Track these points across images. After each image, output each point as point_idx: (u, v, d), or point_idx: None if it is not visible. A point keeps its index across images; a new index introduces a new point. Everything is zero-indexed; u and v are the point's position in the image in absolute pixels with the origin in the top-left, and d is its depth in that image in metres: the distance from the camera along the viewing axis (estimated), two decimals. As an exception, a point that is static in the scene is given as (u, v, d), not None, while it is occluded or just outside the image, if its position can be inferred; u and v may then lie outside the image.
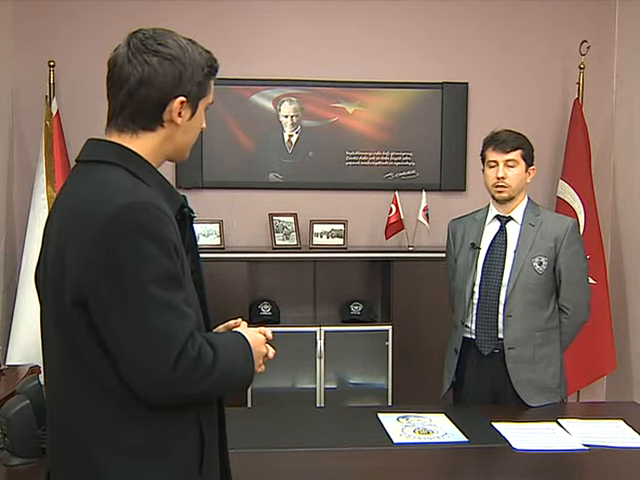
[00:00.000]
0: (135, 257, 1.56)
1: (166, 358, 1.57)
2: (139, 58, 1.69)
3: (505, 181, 3.26)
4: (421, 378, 4.47)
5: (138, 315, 1.57)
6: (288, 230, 4.84)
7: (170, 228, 1.63)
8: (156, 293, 1.57)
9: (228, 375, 1.71)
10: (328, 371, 4.73)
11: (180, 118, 1.74)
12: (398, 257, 4.80)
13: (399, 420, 2.99)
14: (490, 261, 3.31)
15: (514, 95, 5.08)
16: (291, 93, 4.94)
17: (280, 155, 4.96)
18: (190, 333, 1.61)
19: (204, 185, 4.88)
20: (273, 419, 3.10)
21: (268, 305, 4.82)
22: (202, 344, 1.63)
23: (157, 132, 1.74)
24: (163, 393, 1.60)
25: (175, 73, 1.70)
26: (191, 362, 1.60)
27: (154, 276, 1.57)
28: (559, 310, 3.33)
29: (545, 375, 3.28)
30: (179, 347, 1.58)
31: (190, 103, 1.75)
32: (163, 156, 1.78)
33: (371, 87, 4.98)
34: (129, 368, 1.59)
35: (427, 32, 5.03)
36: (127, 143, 1.72)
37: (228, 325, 1.93)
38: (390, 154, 5.02)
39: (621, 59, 5.08)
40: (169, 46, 1.71)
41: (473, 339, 3.31)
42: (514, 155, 3.26)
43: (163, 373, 1.57)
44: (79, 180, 1.70)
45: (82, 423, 1.65)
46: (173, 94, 1.71)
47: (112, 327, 1.58)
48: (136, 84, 1.69)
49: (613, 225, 5.11)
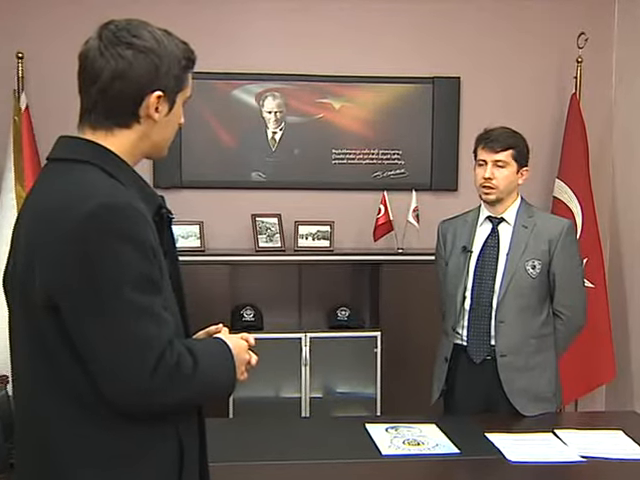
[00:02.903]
0: (111, 260, 1.56)
1: (143, 366, 1.57)
2: (112, 51, 1.68)
3: (492, 182, 3.26)
4: (411, 387, 4.47)
5: (114, 321, 1.57)
6: (272, 232, 4.84)
7: (147, 230, 1.63)
8: (133, 298, 1.57)
9: (209, 383, 1.71)
10: (314, 379, 4.72)
11: (157, 114, 1.74)
12: (387, 260, 4.80)
13: (388, 431, 3.00)
14: (482, 265, 3.32)
15: (508, 90, 5.10)
16: (275, 88, 4.94)
17: (263, 153, 4.95)
18: (169, 340, 1.61)
19: (183, 185, 4.87)
20: (256, 430, 3.10)
21: (251, 310, 4.81)
22: (181, 351, 1.64)
23: (133, 129, 1.74)
24: (140, 403, 1.60)
25: (150, 66, 1.70)
26: (170, 370, 1.60)
27: (131, 280, 1.57)
28: (554, 315, 3.34)
29: (540, 383, 3.30)
30: (157, 354, 1.58)
31: (167, 98, 1.75)
32: (139, 154, 1.78)
33: (359, 82, 4.98)
34: (104, 377, 1.59)
35: (417, 24, 5.04)
36: (101, 141, 1.72)
37: (209, 331, 1.93)
38: (378, 152, 5.03)
39: (620, 52, 5.10)
40: (143, 38, 1.71)
41: (464, 346, 3.33)
42: (504, 156, 3.27)
43: (140, 382, 1.58)
44: (50, 179, 1.70)
45: (53, 434, 1.64)
46: (149, 88, 1.71)
47: (86, 333, 1.58)
48: (109, 79, 1.68)
49: (612, 226, 5.14)
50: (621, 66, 5.10)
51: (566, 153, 4.91)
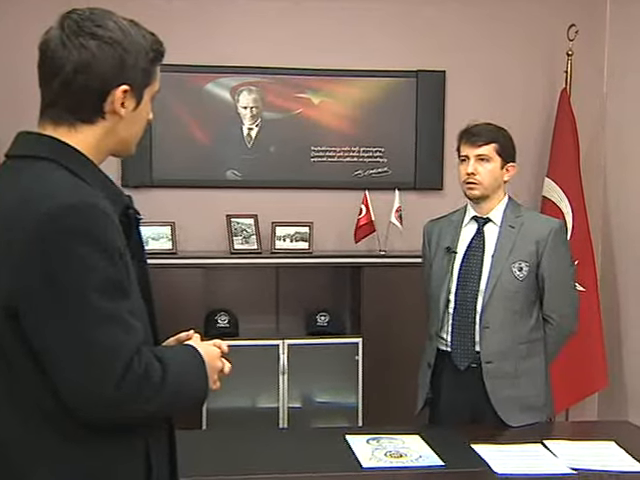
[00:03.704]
0: (74, 263, 1.55)
1: (109, 375, 1.56)
2: (74, 42, 1.67)
3: (476, 177, 3.27)
4: (394, 396, 4.48)
5: (78, 328, 1.55)
6: (247, 233, 4.83)
7: (113, 231, 1.62)
8: (98, 303, 1.56)
9: (179, 393, 1.70)
10: (292, 388, 4.72)
11: (123, 109, 1.73)
12: (369, 262, 4.81)
13: (369, 442, 3.00)
14: (466, 267, 3.32)
15: (495, 85, 5.11)
16: (251, 82, 4.93)
17: (238, 150, 4.95)
18: (136, 347, 1.60)
19: (154, 184, 4.85)
20: (231, 442, 3.10)
21: (225, 316, 4.80)
22: (150, 359, 1.63)
23: (98, 125, 1.72)
24: (106, 414, 1.59)
25: (116, 59, 1.69)
26: (138, 379, 1.59)
27: (96, 284, 1.56)
28: (544, 320, 3.35)
29: (528, 391, 3.30)
30: (124, 363, 1.57)
31: (134, 92, 1.74)
32: (105, 151, 1.77)
33: (339, 76, 4.98)
34: (67, 386, 1.58)
35: (400, 16, 5.04)
36: (64, 137, 1.71)
37: (179, 338, 1.92)
38: (360, 149, 5.04)
39: (613, 45, 5.13)
40: (108, 28, 1.69)
41: (449, 352, 3.33)
42: (486, 150, 3.28)
43: (106, 392, 1.56)
44: (9, 178, 1.68)
45: (14, 447, 1.63)
46: (115, 82, 1.70)
47: (48, 340, 1.56)
48: (72, 71, 1.67)
49: (604, 227, 5.16)
50: (613, 59, 5.13)
51: (556, 151, 4.92)
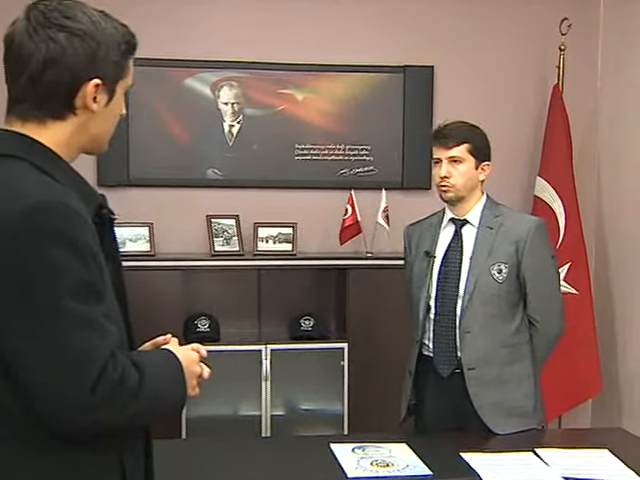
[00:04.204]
0: (46, 265, 1.54)
1: (83, 381, 1.55)
2: (42, 34, 1.66)
3: (449, 180, 3.26)
4: (381, 402, 4.48)
5: (50, 331, 1.54)
6: (229, 234, 4.83)
7: (87, 232, 1.62)
8: (71, 306, 1.55)
9: (156, 399, 1.69)
10: (275, 395, 4.72)
11: (95, 104, 1.72)
12: (354, 265, 4.81)
13: (354, 451, 2.99)
14: (445, 271, 3.33)
15: (485, 80, 5.12)
16: (232, 77, 4.92)
17: (219, 148, 4.94)
18: (111, 352, 1.59)
19: (131, 183, 4.84)
20: (211, 452, 3.08)
21: (206, 320, 4.80)
22: (125, 364, 1.62)
23: (68, 121, 1.71)
24: (79, 422, 1.58)
25: (87, 51, 1.68)
26: (113, 385, 1.58)
27: (69, 286, 1.56)
28: (529, 323, 3.35)
29: (515, 397, 3.30)
30: (98, 368, 1.56)
31: (106, 86, 1.73)
32: (76, 148, 1.76)
33: (324, 71, 4.99)
34: (38, 393, 1.56)
35: (387, 9, 5.04)
36: (33, 134, 1.69)
37: (156, 342, 1.91)
38: (345, 147, 5.04)
39: (607, 39, 5.15)
40: (78, 20, 1.68)
41: (431, 358, 3.34)
42: (458, 151, 3.27)
43: (79, 399, 1.55)
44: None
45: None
46: (86, 76, 1.69)
47: (17, 344, 1.55)
48: (40, 65, 1.66)
49: (598, 228, 5.17)
50: (607, 54, 5.14)
51: (548, 149, 4.93)
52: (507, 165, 4.74)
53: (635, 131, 4.78)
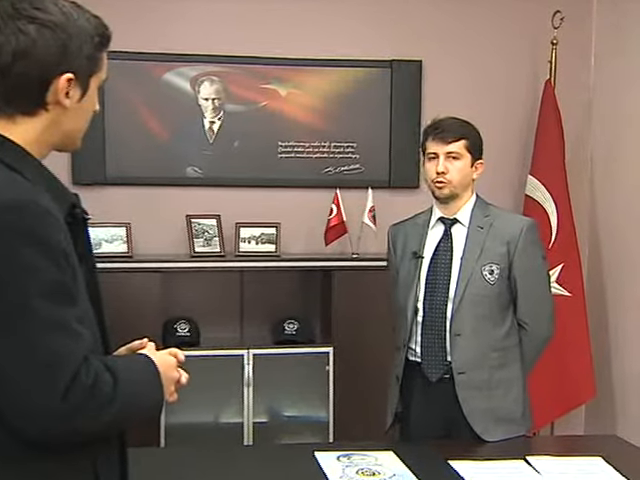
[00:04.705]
0: (16, 265, 1.54)
1: (54, 387, 1.54)
2: (11, 26, 1.65)
3: (446, 176, 3.26)
4: (368, 409, 4.48)
5: (20, 335, 1.54)
6: (209, 235, 4.82)
7: (59, 232, 1.61)
8: (42, 309, 1.55)
9: (131, 405, 1.69)
10: (257, 402, 4.72)
11: (67, 99, 1.71)
12: (340, 266, 4.82)
13: (340, 459, 2.98)
14: (434, 272, 3.33)
15: (475, 76, 5.13)
16: (212, 71, 4.92)
17: (199, 146, 4.94)
18: (84, 357, 1.59)
19: (107, 181, 4.83)
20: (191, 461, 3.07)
21: (185, 324, 4.79)
22: (99, 369, 1.61)
23: (39, 117, 1.71)
24: (50, 430, 1.57)
25: (58, 44, 1.67)
26: (85, 391, 1.57)
27: (40, 289, 1.55)
28: (518, 326, 3.36)
29: (504, 403, 3.30)
30: (70, 373, 1.56)
31: (79, 81, 1.72)
32: (48, 145, 1.75)
33: (308, 65, 4.99)
34: (7, 400, 1.56)
35: (373, 0, 5.05)
36: (2, 130, 1.69)
37: (132, 347, 1.90)
38: (330, 145, 5.04)
39: (600, 33, 5.16)
40: (49, 11, 1.67)
41: (419, 363, 3.33)
42: (457, 147, 3.27)
43: (51, 404, 1.55)
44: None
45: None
46: (57, 70, 1.68)
47: (-14, 348, 1.55)
48: (10, 58, 1.65)
49: (591, 229, 5.19)
50: (601, 48, 5.16)
51: (539, 146, 4.94)
52: (497, 163, 4.75)
53: (629, 128, 4.80)
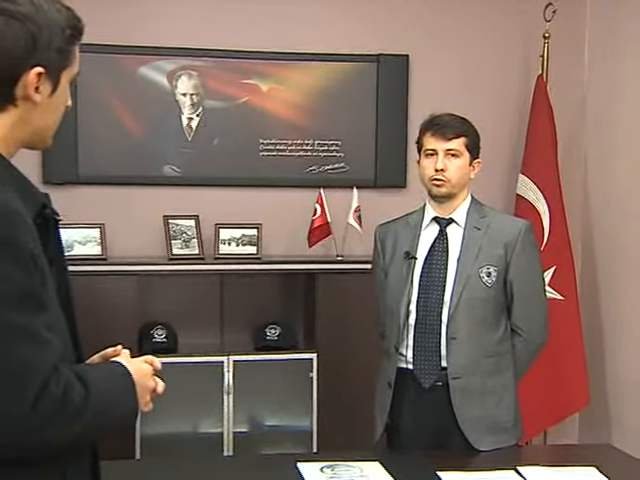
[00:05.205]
0: (-20, 270, 1.53)
1: (23, 397, 1.53)
2: None
3: (445, 174, 3.27)
4: (352, 417, 4.48)
5: None
6: (188, 236, 4.81)
7: (27, 233, 1.60)
8: (8, 316, 1.54)
9: (104, 415, 1.68)
10: (238, 411, 4.71)
11: (38, 94, 1.70)
12: (324, 269, 4.82)
13: (323, 470, 2.98)
14: (428, 273, 3.32)
15: (464, 70, 5.14)
16: (191, 65, 4.91)
17: (177, 143, 4.93)
18: (54, 365, 1.58)
19: (80, 180, 4.81)
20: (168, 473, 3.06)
21: (163, 330, 4.78)
22: (69, 378, 1.60)
23: (8, 112, 1.70)
24: (18, 442, 1.56)
25: (27, 37, 1.66)
26: (55, 401, 1.56)
27: (6, 294, 1.54)
28: (512, 331, 3.36)
29: (497, 411, 3.31)
30: (39, 383, 1.55)
31: (50, 75, 1.71)
32: (17, 143, 1.74)
33: (291, 60, 4.99)
34: (-25, 411, 1.55)
35: (359, -8, 5.07)
36: (-33, 127, 1.68)
37: (105, 354, 1.90)
38: (314, 143, 5.04)
39: (594, 26, 5.17)
40: (17, 2, 1.66)
41: (410, 370, 3.32)
42: (457, 144, 3.29)
43: (19, 416, 1.54)
44: None
45: None
46: (27, 64, 1.67)
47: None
48: None
49: (584, 230, 5.20)
50: (595, 42, 5.17)
51: (531, 144, 4.95)
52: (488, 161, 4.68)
53: (625, 125, 4.81)
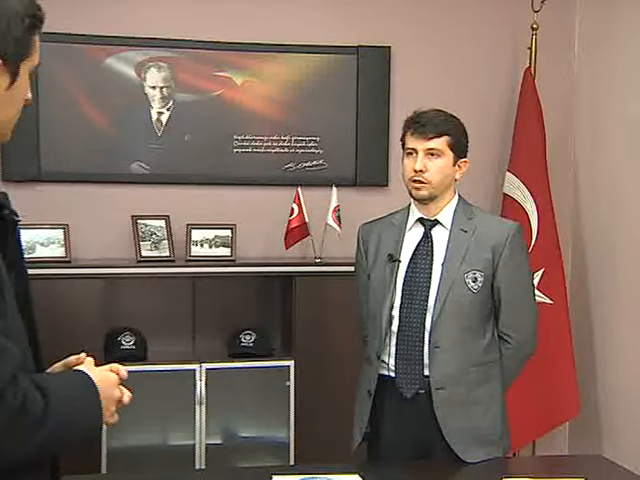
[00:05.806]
0: None
1: (-22, 408, 1.53)
2: None
3: (424, 175, 3.27)
4: (331, 428, 4.47)
5: None
6: (158, 237, 4.80)
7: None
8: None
9: (65, 427, 1.68)
10: (211, 421, 4.70)
11: (-5, 87, 1.69)
12: (302, 272, 4.81)
13: (300, 484, 2.99)
14: (412, 277, 3.32)
15: (449, 63, 5.15)
16: (160, 57, 4.90)
17: (146, 139, 4.92)
18: (11, 375, 1.57)
19: (42, 178, 4.78)
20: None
21: (131, 336, 4.75)
22: (28, 389, 1.60)
23: (-37, 106, 1.69)
24: (-23, 455, 1.56)
25: None
26: (13, 413, 1.56)
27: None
28: (499, 339, 3.37)
29: (484, 421, 3.31)
30: (-5, 393, 1.54)
31: (8, 66, 1.71)
32: (-27, 138, 1.74)
33: (266, 51, 4.98)
34: None
35: (338, -20, 5.06)
36: None
37: (67, 363, 1.90)
38: (291, 139, 5.04)
39: (584, 17, 5.19)
40: None
41: (392, 377, 3.32)
42: (438, 143, 3.28)
43: (-26, 428, 1.53)
44: None
45: None
46: None
47: None
48: None
49: (574, 230, 5.22)
50: (585, 34, 5.19)
51: (519, 140, 4.97)
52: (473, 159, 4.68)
53: (615, 122, 4.83)
